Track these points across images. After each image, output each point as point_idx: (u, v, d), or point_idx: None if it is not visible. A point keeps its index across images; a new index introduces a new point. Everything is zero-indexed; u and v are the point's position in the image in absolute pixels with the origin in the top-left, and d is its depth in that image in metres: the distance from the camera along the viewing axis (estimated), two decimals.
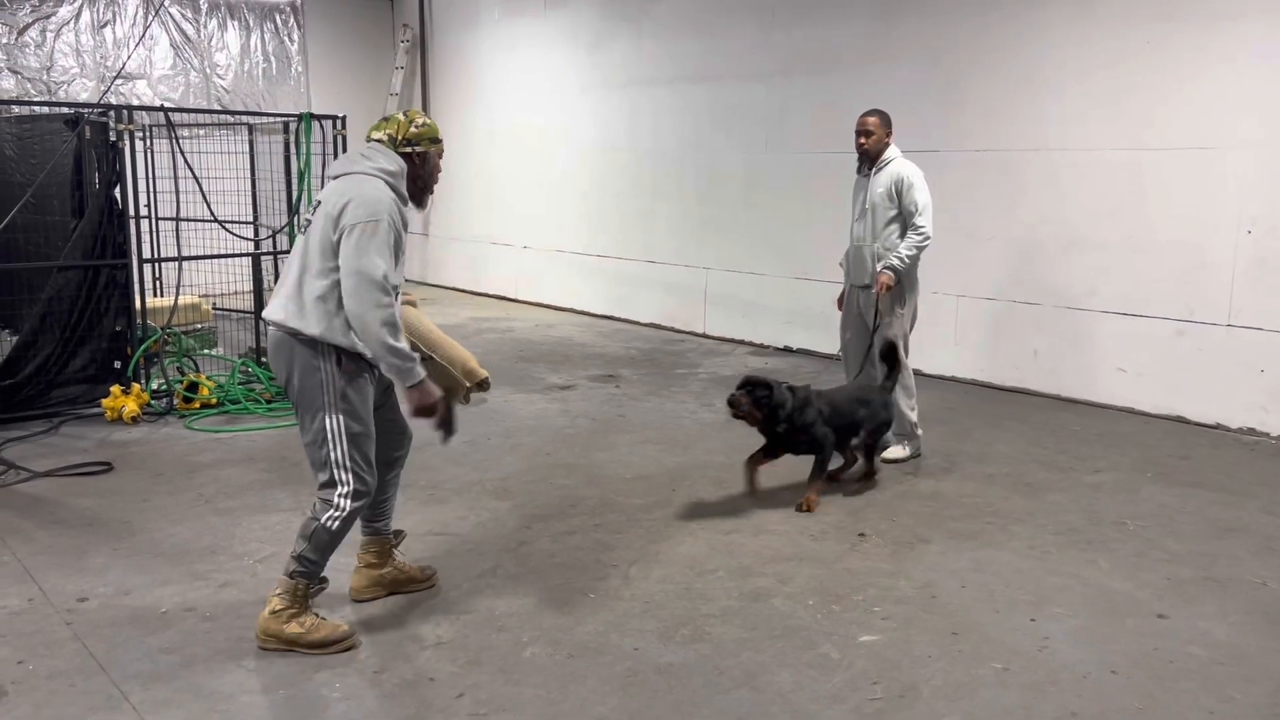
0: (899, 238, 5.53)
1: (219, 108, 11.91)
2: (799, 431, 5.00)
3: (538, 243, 11.94)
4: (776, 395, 4.90)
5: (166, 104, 11.09)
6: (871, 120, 5.57)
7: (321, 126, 7.43)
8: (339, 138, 7.43)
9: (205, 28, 12.17)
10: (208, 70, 12.23)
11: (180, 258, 7.30)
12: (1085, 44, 6.95)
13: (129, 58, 11.46)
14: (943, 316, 7.88)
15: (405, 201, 3.53)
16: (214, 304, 8.77)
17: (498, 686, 3.27)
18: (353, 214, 3.32)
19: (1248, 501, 5.13)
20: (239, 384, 6.94)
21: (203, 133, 9.24)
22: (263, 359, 7.45)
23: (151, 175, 7.52)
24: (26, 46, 10.92)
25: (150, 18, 11.64)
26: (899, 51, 8.01)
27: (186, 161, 6.91)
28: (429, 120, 3.61)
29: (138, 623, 3.68)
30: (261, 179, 8.48)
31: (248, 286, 7.98)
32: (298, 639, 3.44)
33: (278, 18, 12.77)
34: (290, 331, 3.38)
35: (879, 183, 5.55)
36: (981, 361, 7.77)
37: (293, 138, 7.75)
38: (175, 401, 6.60)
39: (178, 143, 6.82)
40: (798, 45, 8.79)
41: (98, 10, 11.31)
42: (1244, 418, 6.42)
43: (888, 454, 5.71)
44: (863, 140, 5.57)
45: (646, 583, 4.08)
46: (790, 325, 9.06)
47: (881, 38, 8.13)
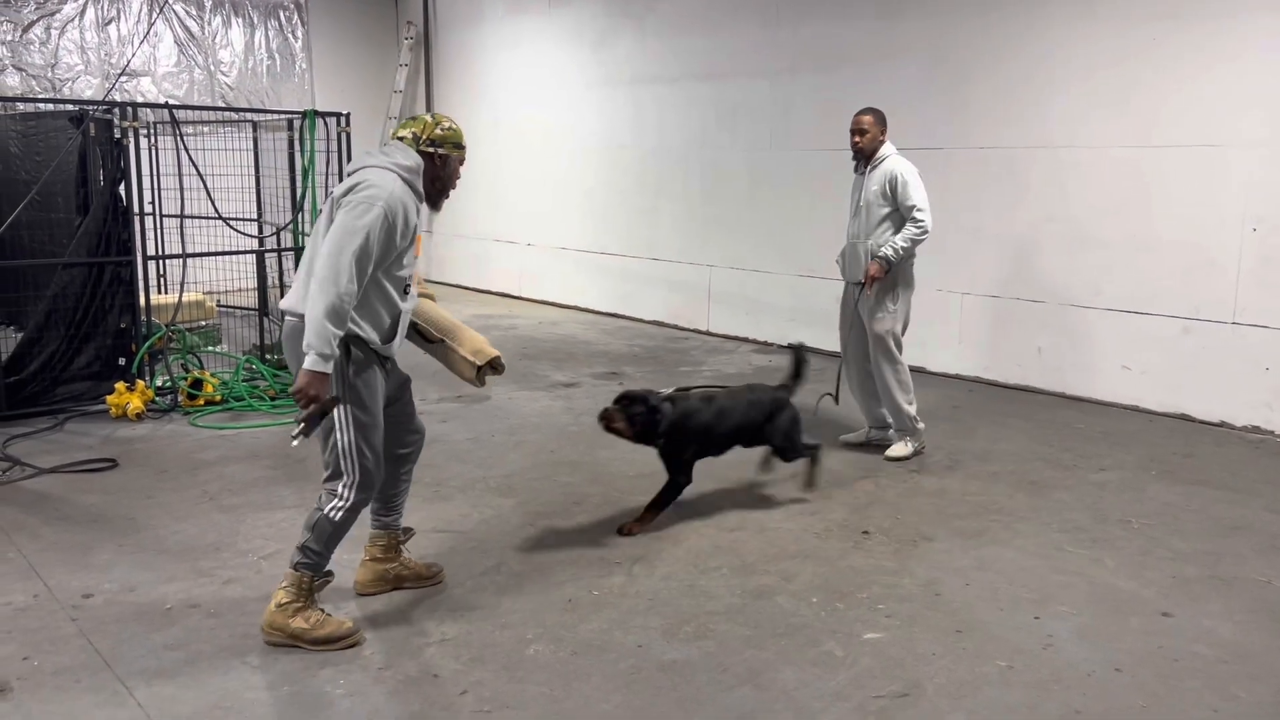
0: (893, 235, 5.53)
1: (223, 105, 11.92)
2: (675, 445, 4.64)
3: (542, 240, 11.94)
4: (651, 409, 4.53)
5: (171, 101, 11.09)
6: (865, 119, 5.58)
7: (325, 123, 7.43)
8: (343, 135, 7.43)
9: (209, 25, 12.18)
10: (212, 67, 12.23)
11: (184, 255, 7.31)
12: (1090, 41, 6.94)
13: (134, 55, 11.47)
14: (947, 314, 7.88)
15: (420, 198, 3.54)
16: (218, 301, 8.79)
17: (501, 684, 3.28)
18: (352, 195, 3.36)
19: (1252, 500, 5.12)
20: (243, 381, 6.95)
21: (207, 130, 9.25)
22: (267, 356, 7.47)
23: (156, 172, 7.52)
24: (31, 43, 10.93)
25: (155, 15, 11.65)
26: (903, 49, 8.00)
27: (191, 159, 6.92)
28: (455, 126, 3.63)
29: (142, 619, 3.69)
30: (265, 176, 8.47)
31: (252, 284, 7.99)
32: (302, 634, 3.45)
33: (282, 15, 12.77)
34: (301, 318, 3.36)
35: (873, 180, 5.56)
36: (985, 359, 7.76)
37: (297, 135, 7.75)
38: (179, 398, 6.61)
39: (182, 140, 6.82)
40: (802, 43, 8.78)
41: (102, 7, 11.32)
42: (1249, 416, 6.41)
43: (890, 452, 5.72)
44: (857, 139, 5.59)
45: (650, 580, 4.08)
46: (794, 323, 9.05)
47: (886, 35, 8.12)
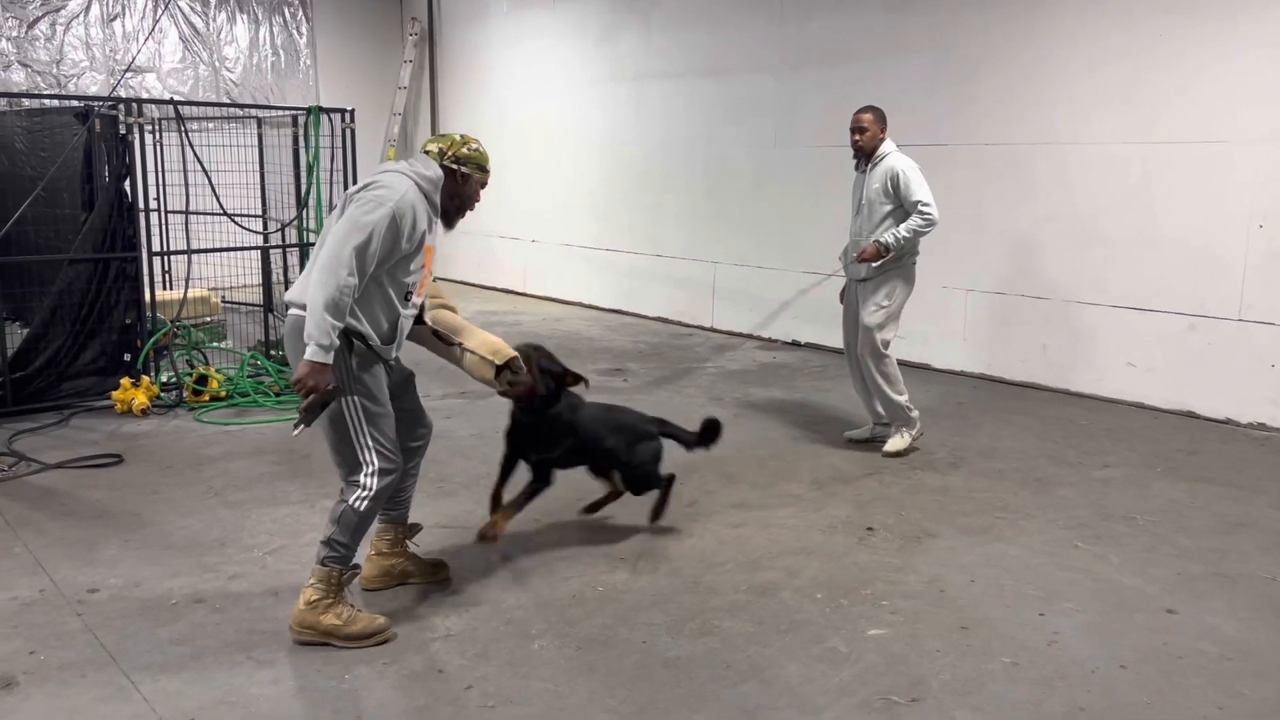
0: None
1: (228, 101, 11.93)
2: (550, 436, 4.20)
3: (546, 236, 11.94)
4: (559, 382, 4.13)
5: (176, 97, 11.11)
6: (865, 117, 5.57)
7: (330, 120, 7.44)
8: (347, 131, 7.43)
9: (214, 21, 12.19)
10: (217, 64, 12.24)
11: (189, 251, 7.32)
12: (1095, 37, 6.92)
13: (138, 51, 11.48)
14: (951, 311, 7.87)
15: (436, 211, 3.57)
16: (223, 297, 8.80)
17: (506, 679, 3.28)
18: (364, 193, 3.38)
19: (1257, 497, 5.11)
20: (248, 377, 6.96)
21: (212, 126, 9.25)
22: (272, 352, 7.48)
23: (161, 168, 7.53)
24: (36, 40, 10.94)
25: (160, 11, 11.66)
26: (908, 45, 7.99)
27: (196, 155, 6.92)
28: (483, 150, 3.68)
29: (148, 614, 3.70)
30: (270, 172, 8.49)
31: (256, 280, 8.00)
32: (335, 630, 3.44)
33: (286, 11, 12.77)
34: (304, 310, 3.34)
35: (874, 178, 5.56)
36: (990, 356, 7.75)
37: (301, 131, 7.76)
38: (184, 394, 6.62)
39: (187, 136, 6.83)
40: (808, 39, 8.77)
41: (107, 4, 11.32)
42: (1254, 413, 6.40)
43: (887, 447, 5.69)
44: (857, 137, 5.59)
45: (654, 576, 4.09)
46: (798, 320, 9.05)
47: (891, 31, 8.11)
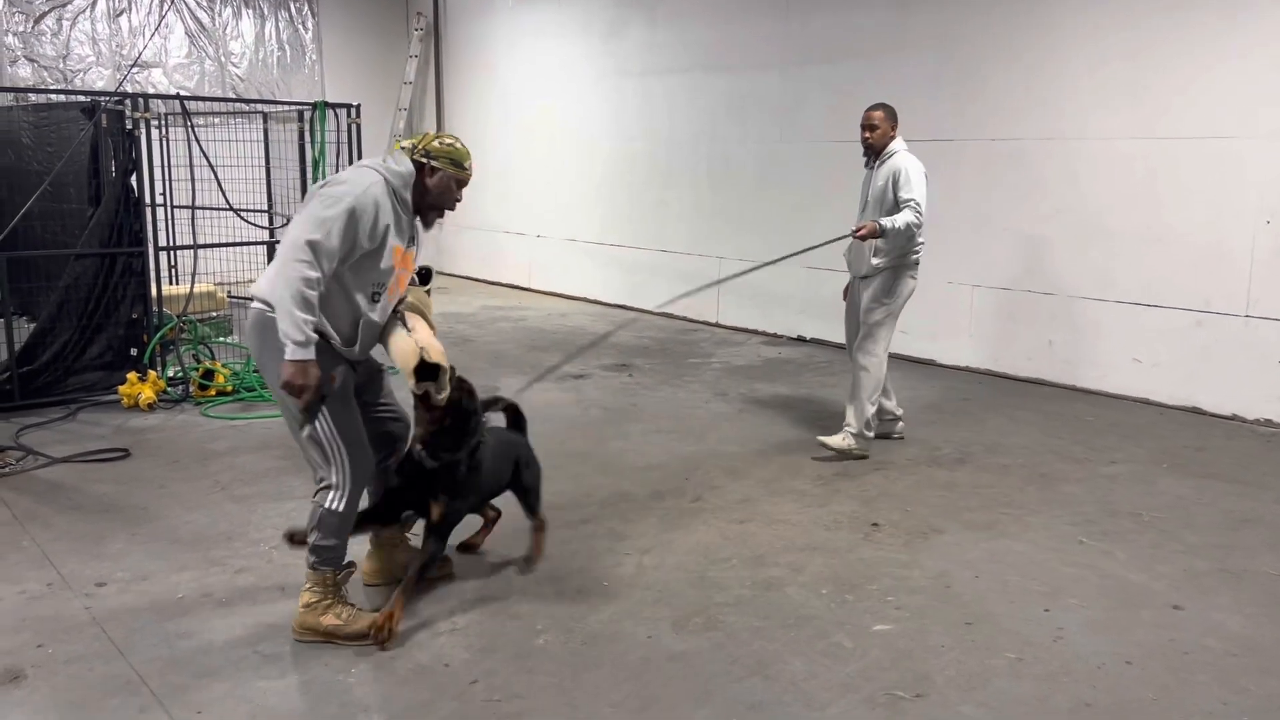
0: None
1: (234, 96, 11.94)
2: (450, 475, 3.64)
3: (551, 231, 11.93)
4: (472, 418, 3.67)
5: (182, 92, 11.11)
6: (876, 114, 5.55)
7: (336, 115, 7.45)
8: (353, 126, 7.44)
9: (220, 16, 12.19)
10: (223, 58, 12.25)
11: (195, 246, 7.33)
12: (1101, 32, 6.90)
13: (145, 46, 11.49)
14: (957, 306, 7.86)
15: (407, 207, 3.47)
16: (229, 292, 8.80)
17: (511, 673, 3.29)
18: (325, 189, 3.31)
19: (1263, 493, 5.10)
20: (254, 371, 6.97)
21: (218, 121, 9.27)
22: None
23: (167, 163, 7.54)
24: (43, 35, 10.95)
25: (166, 6, 11.66)
26: (914, 41, 7.97)
27: (202, 150, 6.93)
28: (459, 146, 3.55)
29: (155, 608, 3.71)
30: (276, 167, 8.50)
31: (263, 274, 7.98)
32: (336, 630, 3.43)
33: (292, 6, 12.77)
34: (265, 303, 3.30)
35: (879, 176, 5.54)
36: (996, 352, 7.73)
37: (307, 126, 7.77)
38: (191, 389, 6.63)
39: (193, 131, 6.84)
40: (813, 34, 8.75)
41: None
42: (1261, 409, 6.38)
43: (826, 439, 5.56)
44: (867, 134, 5.57)
45: (659, 571, 4.09)
46: (804, 315, 9.04)
47: (897, 27, 8.08)
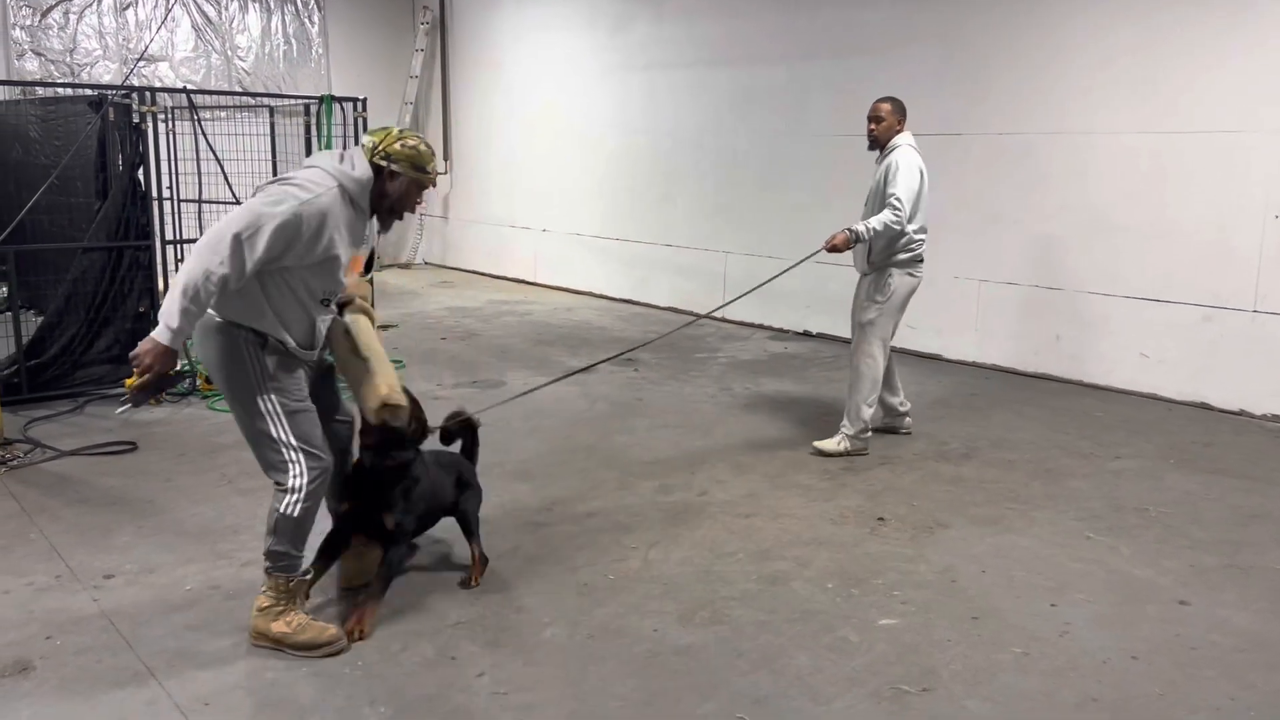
0: None
1: (240, 90, 11.94)
2: (390, 490, 3.58)
3: (557, 226, 11.93)
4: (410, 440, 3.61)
5: (188, 86, 11.12)
6: (883, 107, 5.52)
7: (342, 108, 7.46)
8: (359, 120, 7.45)
9: (226, 10, 12.20)
10: (229, 52, 12.26)
11: None
12: (1109, 27, 6.87)
13: (151, 40, 11.50)
14: (964, 301, 7.84)
15: (363, 214, 3.33)
16: None
17: (518, 666, 3.30)
18: (275, 186, 3.18)
19: (1271, 489, 5.09)
20: None
21: (224, 115, 9.28)
22: None
23: (174, 157, 7.55)
24: (50, 29, 10.97)
25: (172, 0, 11.67)
26: (922, 35, 7.94)
27: (209, 143, 6.94)
28: (422, 147, 3.36)
29: (163, 600, 3.73)
30: (283, 161, 8.50)
31: None
32: (283, 638, 3.33)
33: (298, 0, 12.77)
34: (213, 309, 3.23)
35: (879, 170, 5.52)
36: (1003, 347, 7.72)
37: (313, 120, 7.78)
38: (198, 383, 6.65)
39: (200, 125, 6.85)
40: (819, 29, 8.72)
41: None
42: (1268, 404, 6.37)
43: (820, 444, 5.54)
44: (872, 126, 5.55)
45: (666, 565, 4.09)
46: (809, 310, 9.03)
47: (904, 21, 8.06)
